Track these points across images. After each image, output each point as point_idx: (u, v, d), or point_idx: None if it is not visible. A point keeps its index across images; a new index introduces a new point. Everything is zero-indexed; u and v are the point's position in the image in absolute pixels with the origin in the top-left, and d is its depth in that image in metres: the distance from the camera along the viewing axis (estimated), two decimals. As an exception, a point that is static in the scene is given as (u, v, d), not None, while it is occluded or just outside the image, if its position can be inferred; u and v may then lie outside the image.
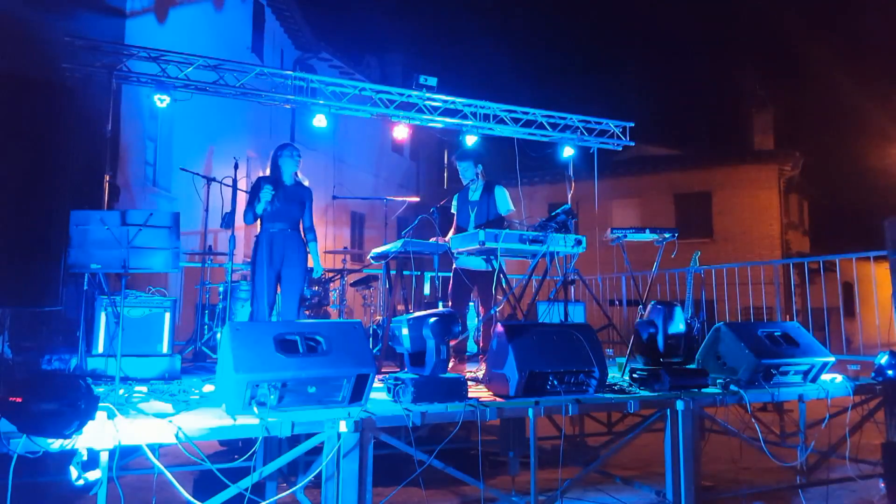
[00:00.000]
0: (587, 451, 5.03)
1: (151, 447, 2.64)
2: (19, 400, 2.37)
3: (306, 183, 5.11)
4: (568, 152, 8.48)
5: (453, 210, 5.59)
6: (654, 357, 4.04)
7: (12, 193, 2.88)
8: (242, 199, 5.62)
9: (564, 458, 4.89)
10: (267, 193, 4.70)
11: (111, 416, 2.65)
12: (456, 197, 5.59)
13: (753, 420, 4.00)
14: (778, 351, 4.14)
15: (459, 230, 5.31)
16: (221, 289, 6.23)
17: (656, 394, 3.82)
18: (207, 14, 11.37)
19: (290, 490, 3.09)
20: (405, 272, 5.71)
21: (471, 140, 7.79)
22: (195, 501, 2.62)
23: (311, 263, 5.06)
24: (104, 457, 2.55)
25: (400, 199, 7.10)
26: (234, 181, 4.66)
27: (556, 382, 3.49)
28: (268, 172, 5.07)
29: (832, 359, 4.30)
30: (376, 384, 3.36)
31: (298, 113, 10.05)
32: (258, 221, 4.93)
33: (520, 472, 3.99)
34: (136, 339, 4.29)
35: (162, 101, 6.45)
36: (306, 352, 3.00)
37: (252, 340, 2.92)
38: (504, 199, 5.36)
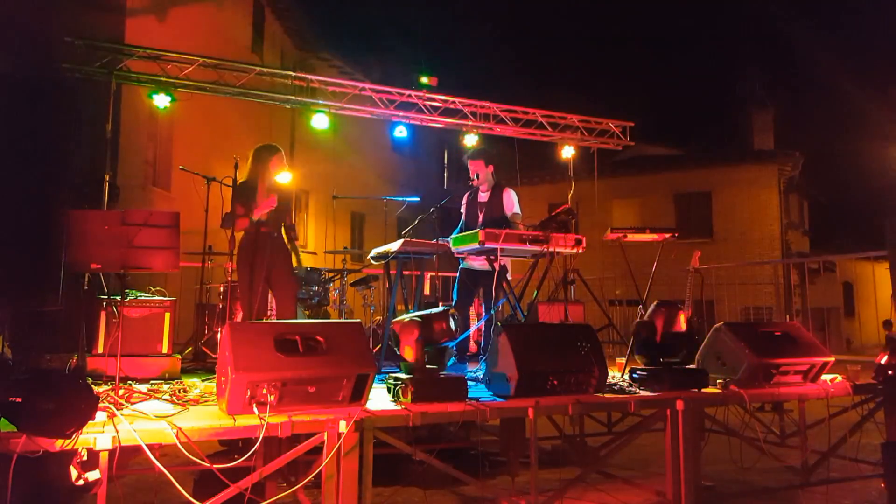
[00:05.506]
0: (587, 451, 5.02)
1: (151, 447, 2.63)
2: (19, 400, 2.37)
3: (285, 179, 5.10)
4: (568, 152, 8.49)
5: (462, 209, 5.60)
6: (654, 357, 4.04)
7: (12, 193, 2.88)
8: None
9: (564, 458, 4.90)
10: (274, 202, 4.67)
11: (111, 416, 2.65)
12: (465, 196, 5.60)
13: (753, 420, 3.99)
14: (778, 351, 4.14)
15: (467, 230, 5.31)
16: (221, 289, 6.23)
17: (656, 394, 3.82)
18: (207, 14, 11.37)
19: (290, 490, 3.09)
20: (405, 272, 5.70)
21: (472, 140, 7.79)
22: (195, 501, 2.62)
23: (295, 263, 5.04)
24: (104, 457, 2.55)
25: (400, 199, 7.09)
26: (234, 181, 4.67)
27: (556, 382, 3.49)
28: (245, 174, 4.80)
29: (832, 359, 4.29)
30: (376, 384, 3.36)
31: (298, 113, 10.06)
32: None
33: (520, 472, 3.98)
34: (136, 339, 4.29)
35: (162, 101, 6.45)
36: (306, 351, 2.99)
37: (252, 340, 2.92)
38: (512, 202, 5.37)
